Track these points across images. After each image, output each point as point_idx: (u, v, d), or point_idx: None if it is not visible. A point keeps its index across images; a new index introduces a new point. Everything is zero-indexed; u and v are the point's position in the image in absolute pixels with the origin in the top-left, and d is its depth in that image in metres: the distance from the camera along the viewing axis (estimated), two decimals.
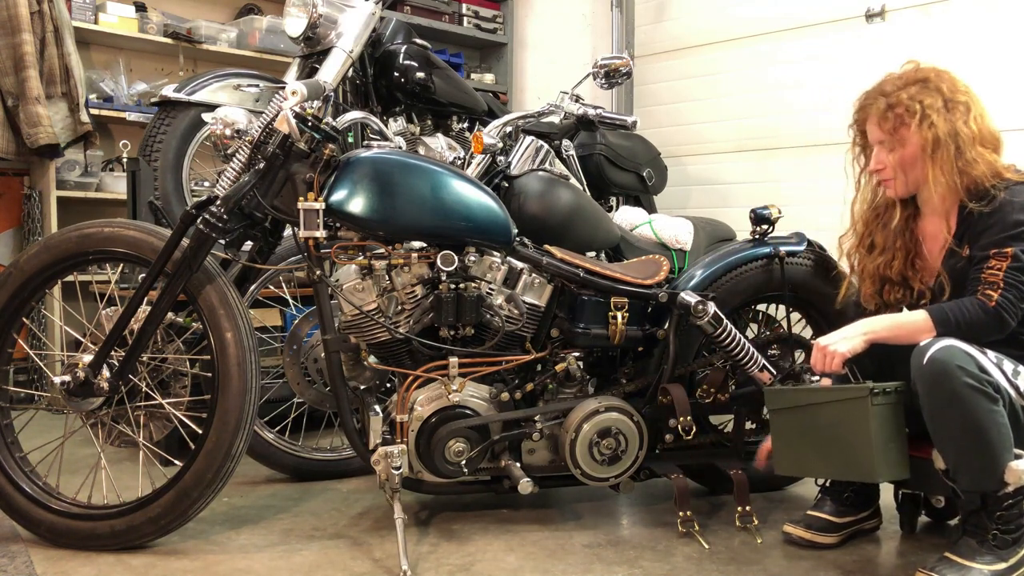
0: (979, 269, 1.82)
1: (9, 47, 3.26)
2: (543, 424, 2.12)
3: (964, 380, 1.69)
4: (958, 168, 1.85)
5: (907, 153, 1.90)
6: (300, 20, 2.36)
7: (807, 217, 3.21)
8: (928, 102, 1.86)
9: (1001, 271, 1.79)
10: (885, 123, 1.91)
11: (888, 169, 1.95)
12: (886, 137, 1.92)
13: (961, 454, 1.75)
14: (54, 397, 1.99)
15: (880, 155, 1.95)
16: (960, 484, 1.79)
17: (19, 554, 1.94)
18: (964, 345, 1.74)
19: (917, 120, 1.86)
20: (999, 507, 1.76)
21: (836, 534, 2.05)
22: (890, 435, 1.83)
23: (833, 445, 1.89)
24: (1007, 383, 1.74)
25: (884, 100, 1.91)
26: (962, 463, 1.76)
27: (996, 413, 1.71)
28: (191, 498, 1.93)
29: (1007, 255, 1.79)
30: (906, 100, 1.87)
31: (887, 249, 2.01)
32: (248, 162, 2.19)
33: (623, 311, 2.17)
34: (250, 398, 1.95)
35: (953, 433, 1.74)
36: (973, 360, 1.72)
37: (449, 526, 2.16)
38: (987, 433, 1.70)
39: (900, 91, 1.89)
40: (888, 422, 1.83)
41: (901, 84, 1.91)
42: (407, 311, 2.05)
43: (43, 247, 2.02)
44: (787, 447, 1.99)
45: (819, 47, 3.66)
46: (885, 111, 1.90)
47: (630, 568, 1.90)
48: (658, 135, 3.91)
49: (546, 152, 2.66)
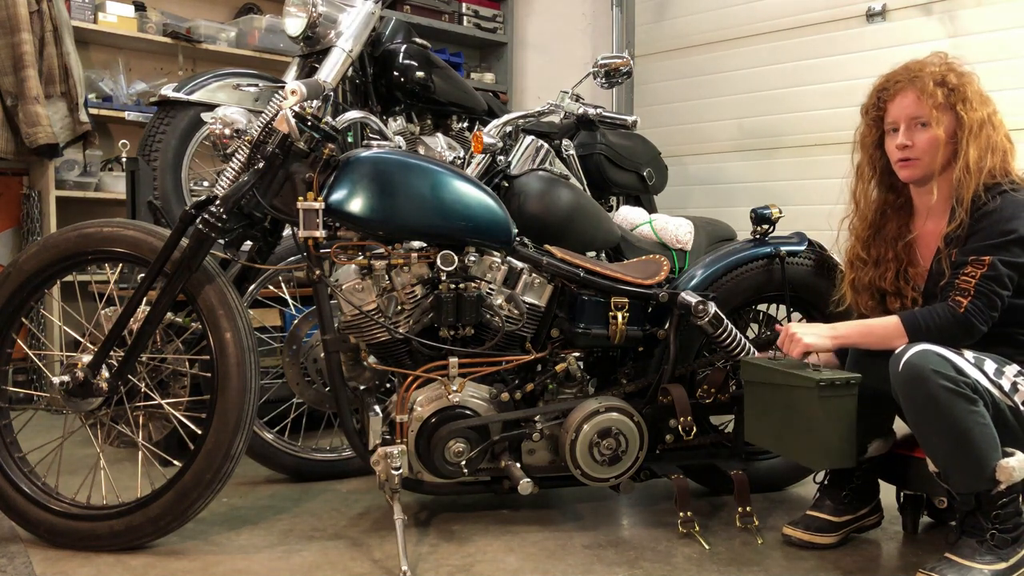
0: (955, 274, 1.84)
1: (8, 46, 3.26)
2: (543, 424, 2.12)
3: (940, 383, 1.70)
4: (987, 153, 1.87)
5: (943, 133, 1.90)
6: (299, 19, 2.35)
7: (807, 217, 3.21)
8: (972, 88, 1.90)
9: (975, 279, 1.81)
10: (931, 99, 1.89)
11: (916, 147, 1.92)
12: (925, 112, 1.90)
13: (948, 457, 1.76)
14: (53, 397, 1.99)
15: (911, 132, 1.93)
16: (953, 486, 1.80)
17: (18, 554, 1.94)
18: (938, 348, 1.75)
19: (967, 100, 1.89)
20: (994, 506, 1.76)
21: (835, 534, 2.05)
22: (837, 426, 1.85)
23: (786, 425, 1.93)
24: (988, 382, 1.75)
25: (930, 77, 1.91)
26: (950, 466, 1.77)
27: (976, 414, 1.72)
28: (190, 498, 1.92)
29: (984, 263, 1.80)
30: (954, 80, 1.90)
31: (880, 261, 2.03)
32: (247, 162, 2.19)
33: (623, 311, 2.17)
34: (249, 398, 1.94)
35: (937, 437, 1.76)
36: (948, 363, 1.73)
37: (449, 527, 2.16)
38: (970, 434, 1.71)
39: (948, 73, 1.91)
40: (835, 414, 1.84)
41: (947, 68, 1.92)
42: (407, 311, 2.05)
43: (42, 247, 2.02)
44: (754, 418, 2.05)
45: (819, 47, 3.66)
46: (934, 88, 1.90)
47: (630, 569, 1.90)
48: (658, 135, 3.91)
49: (546, 152, 2.66)
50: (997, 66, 3.11)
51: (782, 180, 3.79)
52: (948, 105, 1.89)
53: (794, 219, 2.75)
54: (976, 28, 3.19)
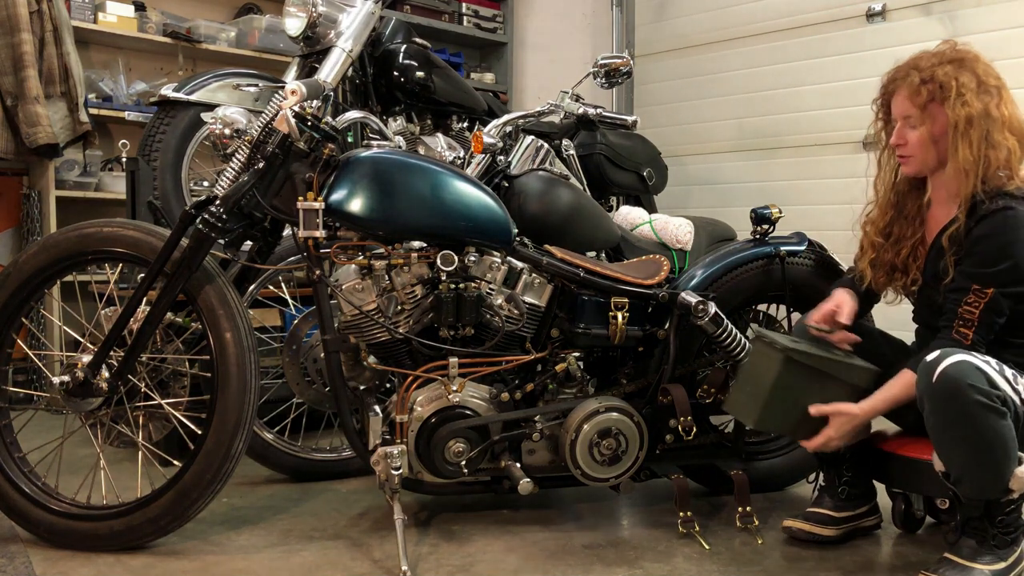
0: (957, 300, 1.83)
1: (8, 47, 3.26)
2: (543, 424, 2.12)
3: (976, 399, 1.68)
4: (983, 151, 1.84)
5: (934, 130, 1.89)
6: (300, 19, 2.36)
7: (807, 217, 3.21)
8: (963, 80, 1.85)
9: (978, 309, 1.80)
10: (917, 97, 1.89)
11: (909, 146, 1.93)
12: (915, 112, 1.90)
13: (966, 465, 1.74)
14: (53, 397, 1.99)
15: (903, 130, 1.94)
16: (963, 492, 1.77)
17: (18, 554, 1.94)
18: (974, 358, 1.72)
19: (953, 96, 1.85)
20: (1001, 512, 1.75)
21: (836, 527, 2.05)
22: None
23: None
24: (1011, 390, 1.73)
25: (918, 75, 1.89)
26: (967, 474, 1.74)
27: (1005, 427, 1.70)
28: (190, 498, 1.92)
29: (987, 295, 1.79)
30: (941, 76, 1.86)
31: (903, 239, 2.01)
32: (247, 162, 2.19)
33: (623, 311, 2.16)
34: (249, 398, 1.94)
35: (960, 447, 1.73)
36: (984, 375, 1.70)
37: (449, 527, 2.16)
38: (994, 447, 1.70)
39: (936, 67, 1.88)
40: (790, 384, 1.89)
41: (937, 61, 1.89)
42: (407, 311, 2.05)
43: (42, 247, 2.02)
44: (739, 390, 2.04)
45: (819, 47, 3.66)
46: (919, 86, 1.88)
47: (630, 568, 1.90)
48: (658, 135, 3.91)
49: (546, 152, 2.66)
50: (997, 66, 3.10)
51: (782, 180, 3.79)
52: (937, 102, 1.87)
53: (794, 219, 2.75)
54: (976, 28, 3.19)
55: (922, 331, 2.06)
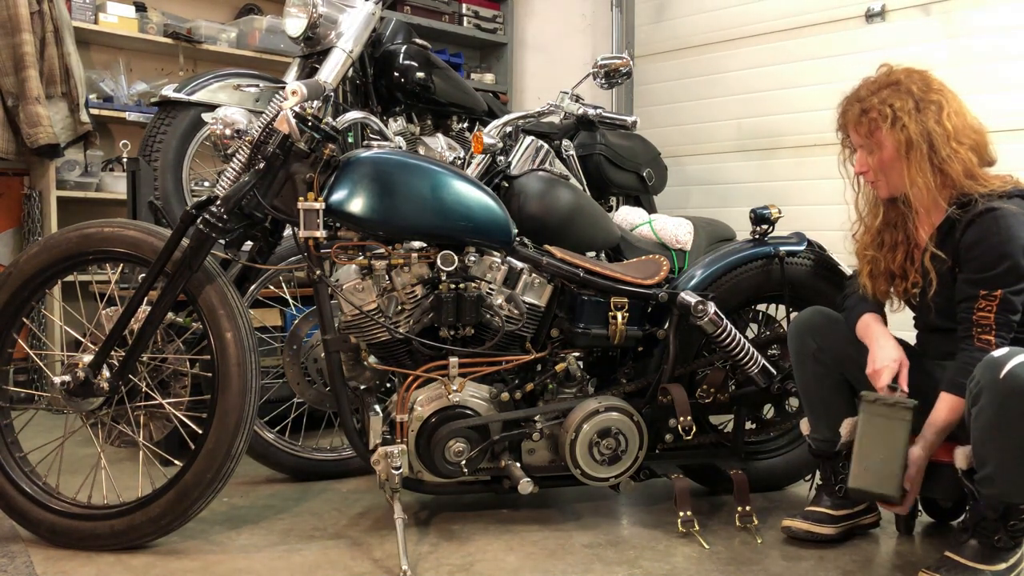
0: (969, 308, 1.82)
1: (9, 47, 3.26)
2: (543, 424, 2.12)
3: None
4: (934, 167, 1.86)
5: (884, 156, 1.92)
6: (300, 20, 2.35)
7: (807, 217, 3.21)
8: (898, 105, 1.87)
9: (992, 312, 1.80)
10: (860, 128, 1.94)
11: (871, 172, 1.97)
12: (864, 141, 1.95)
13: (1005, 467, 1.70)
14: (54, 397, 1.99)
15: (862, 158, 1.97)
16: (988, 492, 1.74)
17: (19, 554, 1.94)
18: None
19: (889, 123, 1.87)
20: (1016, 516, 1.75)
21: (835, 526, 2.06)
22: None
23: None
24: None
25: (858, 105, 1.93)
26: (1003, 475, 1.71)
27: None
28: (191, 498, 1.93)
29: (996, 297, 1.79)
30: (877, 104, 1.89)
31: (897, 245, 2.02)
32: (248, 162, 2.19)
33: (623, 311, 2.17)
34: (250, 398, 1.95)
35: (1008, 447, 1.68)
36: None
37: (449, 526, 2.16)
38: None
39: (872, 96, 1.91)
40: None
41: (874, 88, 1.93)
42: (407, 311, 2.05)
43: (43, 247, 2.02)
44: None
45: (819, 47, 3.66)
46: (860, 116, 1.92)
47: (630, 568, 1.90)
48: (658, 135, 3.91)
49: (546, 152, 2.66)
50: (997, 66, 3.11)
51: (781, 180, 3.79)
52: (877, 131, 1.90)
53: (793, 219, 2.75)
54: (976, 28, 3.19)
55: (924, 336, 2.06)
